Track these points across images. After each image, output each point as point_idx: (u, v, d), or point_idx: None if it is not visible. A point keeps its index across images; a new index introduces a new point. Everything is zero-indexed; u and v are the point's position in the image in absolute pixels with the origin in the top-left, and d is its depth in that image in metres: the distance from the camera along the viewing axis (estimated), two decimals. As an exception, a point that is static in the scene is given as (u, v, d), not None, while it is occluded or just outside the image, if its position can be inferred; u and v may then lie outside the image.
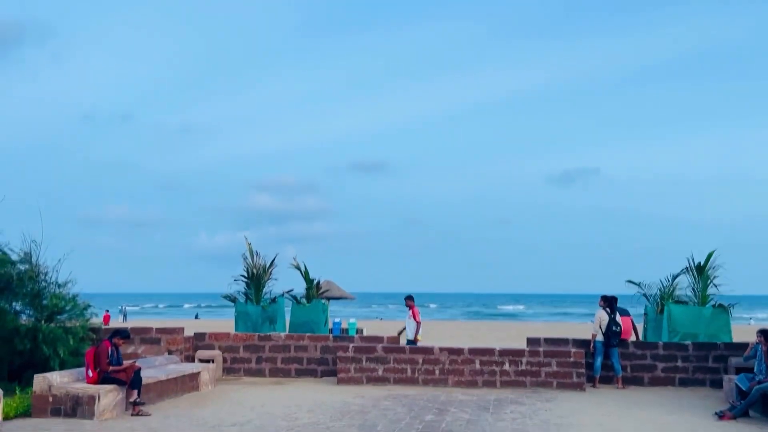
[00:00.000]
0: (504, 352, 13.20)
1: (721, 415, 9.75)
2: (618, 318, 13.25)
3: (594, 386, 13.05)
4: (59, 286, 12.92)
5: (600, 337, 13.20)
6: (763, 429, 9.04)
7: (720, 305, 15.14)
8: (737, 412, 9.74)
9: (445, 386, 13.01)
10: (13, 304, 12.64)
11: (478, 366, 13.11)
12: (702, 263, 15.41)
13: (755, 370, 10.32)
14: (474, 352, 13.27)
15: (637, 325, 14.66)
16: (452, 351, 13.31)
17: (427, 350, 13.39)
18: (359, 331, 22.56)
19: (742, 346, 13.08)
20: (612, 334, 13.12)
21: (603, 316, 13.27)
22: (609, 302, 13.40)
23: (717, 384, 12.87)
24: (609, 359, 13.25)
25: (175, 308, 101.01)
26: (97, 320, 13.50)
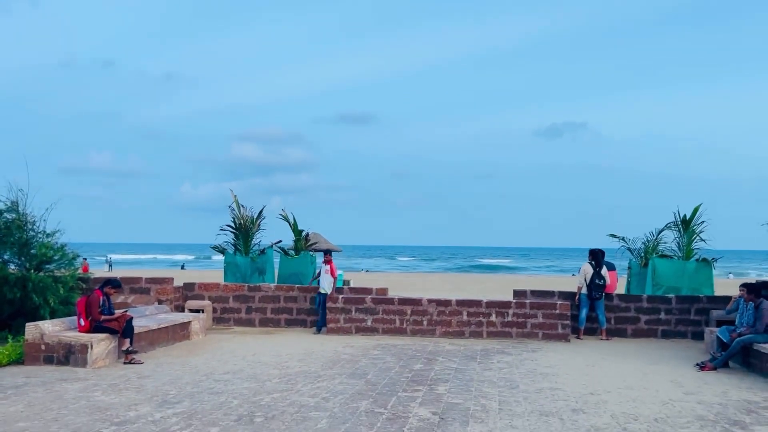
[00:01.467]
0: (491, 304, 13.40)
1: (702, 366, 10.02)
2: (604, 272, 13.44)
3: (579, 337, 13.33)
4: (47, 235, 12.85)
5: (585, 290, 13.41)
6: (742, 379, 9.31)
7: (704, 259, 15.39)
8: (718, 363, 10.01)
9: (433, 336, 13.23)
10: (2, 253, 12.57)
11: (465, 317, 13.32)
12: (688, 217, 15.60)
13: (736, 322, 10.56)
14: (461, 303, 13.46)
15: (620, 278, 14.91)
16: (440, 302, 13.49)
17: (416, 301, 13.56)
18: (346, 282, 22.78)
19: (724, 300, 13.37)
20: (595, 287, 13.32)
21: (588, 270, 13.46)
22: (594, 256, 13.56)
23: (698, 336, 13.19)
24: (594, 311, 13.50)
25: (161, 259, 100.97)
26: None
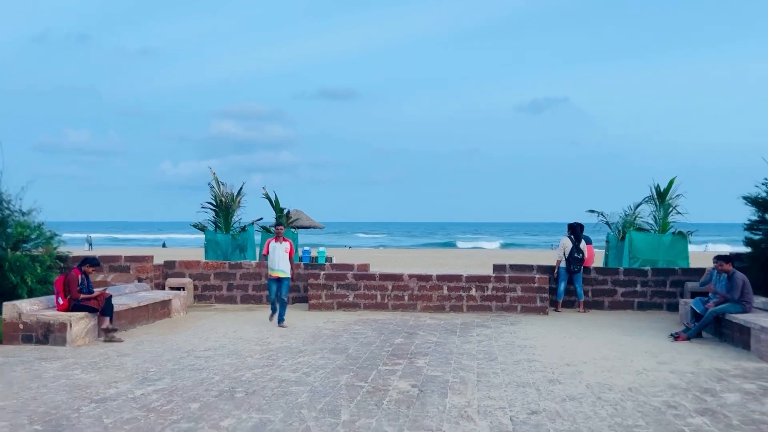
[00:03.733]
0: (471, 278, 13.53)
1: (676, 336, 10.23)
2: (582, 245, 13.59)
3: (557, 310, 13.52)
4: (23, 214, 12.67)
5: (564, 264, 13.57)
6: (714, 348, 9.54)
7: (679, 232, 15.64)
8: (691, 333, 10.23)
9: (414, 311, 13.35)
10: (-23, 232, 12.39)
11: (445, 292, 13.44)
12: (662, 190, 15.80)
13: (710, 294, 10.78)
14: (442, 278, 13.57)
15: (597, 252, 15.11)
16: (421, 277, 13.59)
17: (397, 277, 13.64)
18: (329, 259, 22.83)
19: (699, 272, 13.61)
20: (574, 260, 13.49)
21: (567, 243, 13.61)
22: (573, 230, 13.70)
23: (674, 308, 13.45)
24: (573, 284, 13.69)
25: (142, 237, 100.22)
26: (63, 249, 13.34)
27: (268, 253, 11.48)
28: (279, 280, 11.43)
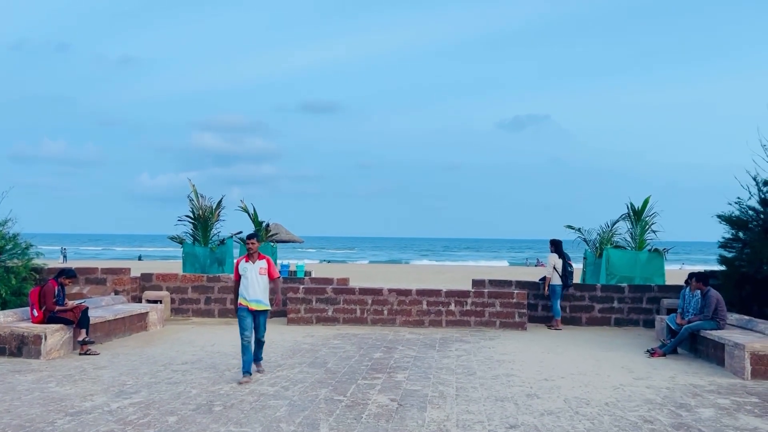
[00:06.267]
0: (450, 293, 13.57)
1: (652, 353, 10.35)
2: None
3: (558, 327, 13.35)
4: (-2, 224, 12.51)
5: (556, 280, 13.54)
6: (689, 364, 9.66)
7: (656, 250, 15.85)
8: (667, 349, 10.35)
9: (393, 326, 13.35)
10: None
11: (425, 306, 13.46)
12: (638, 208, 16.03)
13: (678, 310, 10.94)
14: (421, 293, 13.60)
15: (575, 268, 15.24)
16: (400, 292, 13.61)
17: (376, 291, 13.65)
18: (308, 273, 22.74)
19: (675, 289, 13.81)
20: (569, 275, 13.52)
21: (556, 259, 13.61)
22: (558, 246, 13.72)
23: (650, 324, 13.60)
24: (550, 300, 13.72)
25: (117, 250, 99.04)
26: (39, 260, 13.16)
27: (238, 278, 8.41)
28: (255, 313, 8.33)
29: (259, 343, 8.55)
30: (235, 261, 8.38)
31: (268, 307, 8.40)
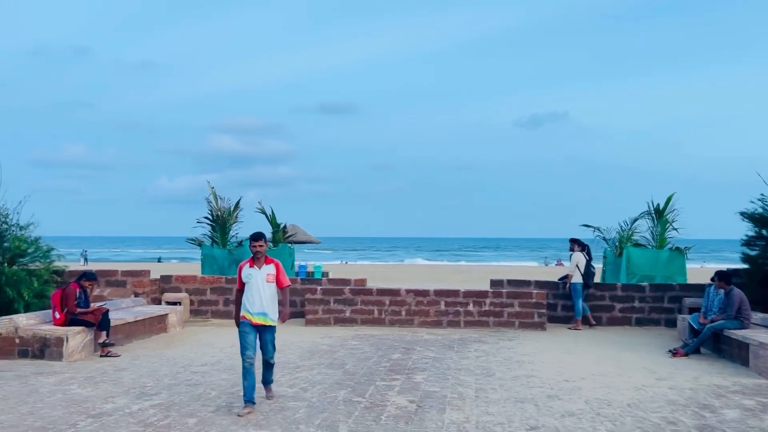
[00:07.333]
0: (468, 294, 13.50)
1: (674, 352, 10.21)
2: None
3: (578, 328, 13.26)
4: (21, 228, 12.68)
5: (578, 279, 13.41)
6: (712, 364, 9.52)
7: (677, 248, 15.66)
8: (689, 349, 10.21)
9: (411, 326, 13.31)
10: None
11: (443, 307, 13.41)
12: (661, 207, 15.85)
13: (702, 309, 10.77)
14: (439, 293, 13.55)
15: (596, 267, 15.10)
16: (418, 293, 13.57)
17: (394, 292, 13.62)
18: (325, 274, 22.76)
19: (697, 287, 13.63)
20: (591, 275, 13.42)
21: (581, 258, 13.46)
22: (583, 244, 13.62)
23: (672, 323, 13.43)
24: (572, 300, 13.61)
25: (137, 252, 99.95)
26: (60, 263, 13.31)
27: (241, 286, 7.00)
28: (259, 329, 6.96)
29: (267, 365, 7.18)
30: (238, 266, 7.19)
31: (275, 322, 7.00)
